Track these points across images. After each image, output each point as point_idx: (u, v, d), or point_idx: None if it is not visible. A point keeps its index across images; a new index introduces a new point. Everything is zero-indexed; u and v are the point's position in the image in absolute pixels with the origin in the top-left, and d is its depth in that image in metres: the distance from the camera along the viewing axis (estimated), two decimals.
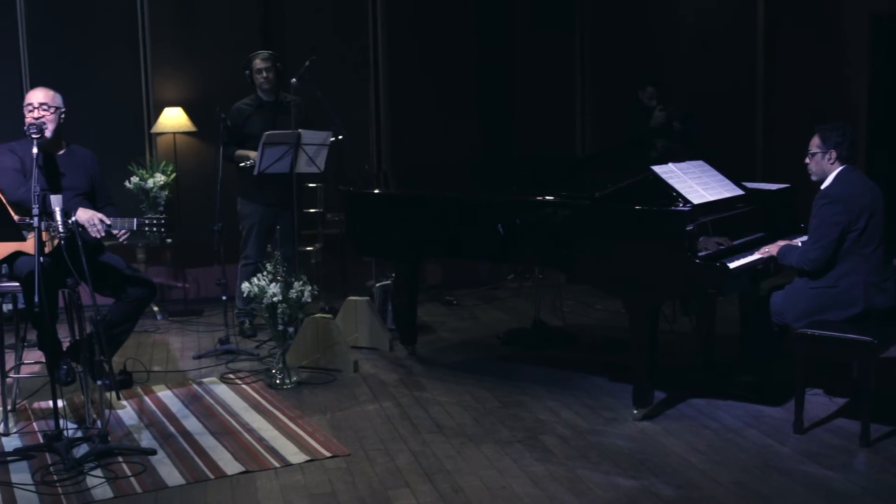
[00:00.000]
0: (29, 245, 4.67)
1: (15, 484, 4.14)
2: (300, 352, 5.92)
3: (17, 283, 4.80)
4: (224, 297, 6.44)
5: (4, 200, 4.47)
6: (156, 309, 7.45)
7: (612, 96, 8.77)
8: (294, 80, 6.26)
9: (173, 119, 7.64)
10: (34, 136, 4.62)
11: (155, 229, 4.95)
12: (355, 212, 6.09)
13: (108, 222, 4.79)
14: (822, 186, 4.75)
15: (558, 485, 4.08)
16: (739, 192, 5.31)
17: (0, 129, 6.55)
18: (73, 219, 4.64)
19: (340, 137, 6.58)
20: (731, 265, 4.64)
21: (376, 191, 6.43)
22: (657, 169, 4.98)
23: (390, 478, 4.19)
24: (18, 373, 5.22)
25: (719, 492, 3.99)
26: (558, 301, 7.15)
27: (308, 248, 7.35)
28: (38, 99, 4.93)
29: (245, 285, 5.62)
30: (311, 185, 7.32)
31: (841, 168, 4.72)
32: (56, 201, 4.51)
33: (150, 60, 7.81)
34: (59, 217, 4.49)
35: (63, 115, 5.01)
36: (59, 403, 4.56)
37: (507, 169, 7.05)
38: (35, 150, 4.55)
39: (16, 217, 4.57)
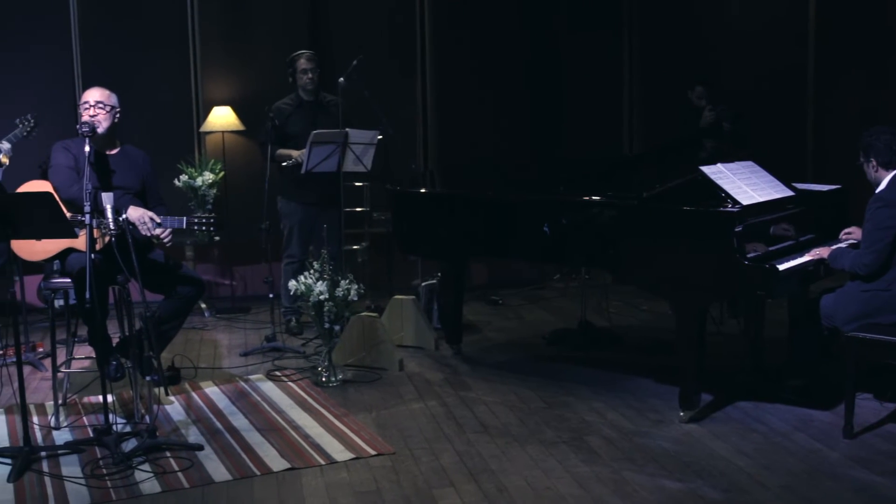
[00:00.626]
0: (80, 242, 4.73)
1: (65, 477, 4.20)
2: (346, 350, 5.94)
3: (69, 280, 4.88)
4: (271, 295, 6.48)
5: (57, 198, 4.53)
6: (203, 306, 7.52)
7: (661, 95, 8.71)
8: (342, 79, 6.28)
9: (222, 118, 7.72)
10: (86, 133, 4.70)
11: (204, 228, 5.01)
12: (401, 211, 6.10)
13: (159, 220, 4.84)
14: (877, 190, 4.69)
15: (603, 486, 4.06)
16: (789, 192, 5.25)
17: (53, 127, 6.64)
18: (124, 216, 4.70)
19: (389, 133, 6.60)
20: (781, 267, 4.59)
21: (422, 190, 6.44)
22: (706, 169, 4.94)
23: (435, 477, 4.19)
24: (69, 367, 5.30)
25: (767, 496, 3.95)
26: (604, 301, 7.11)
27: (354, 247, 7.39)
28: (95, 97, 5.00)
29: (292, 283, 5.65)
30: (357, 184, 7.35)
31: (895, 172, 4.66)
32: (107, 199, 4.58)
33: (199, 60, 7.90)
34: (109, 215, 4.56)
35: (118, 115, 5.08)
36: (109, 398, 4.62)
37: (553, 168, 7.03)
38: (87, 148, 4.62)
39: (68, 214, 4.64)
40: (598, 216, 5.00)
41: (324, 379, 5.60)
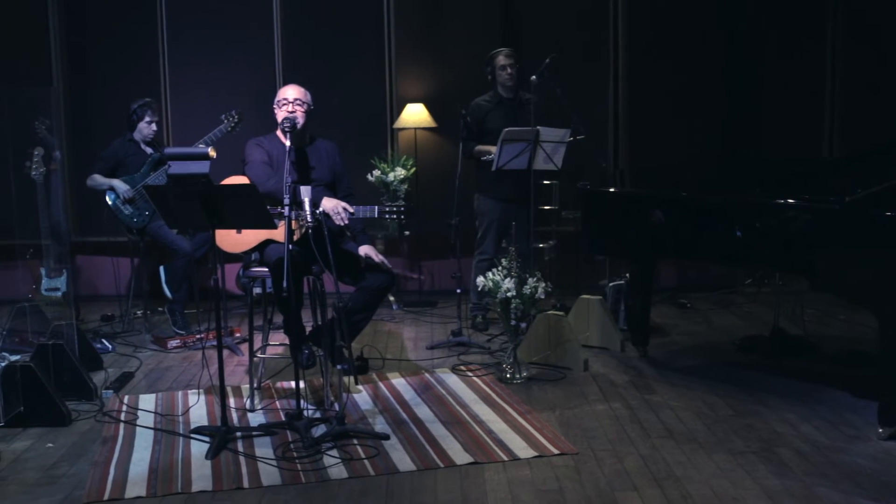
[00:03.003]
0: (279, 233, 4.91)
1: (259, 457, 4.37)
2: (531, 347, 5.95)
3: (267, 269, 5.07)
4: (458, 290, 6.56)
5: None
6: (392, 299, 7.68)
7: (865, 97, 8.29)
8: (534, 77, 6.28)
9: (415, 115, 7.86)
10: (287, 129, 4.88)
11: (395, 216, 5.11)
12: (591, 210, 6.06)
13: (352, 210, 4.98)
14: None
15: (794, 501, 3.90)
16: None
17: (259, 122, 6.92)
18: (321, 209, 4.85)
19: (581, 137, 6.57)
20: None
21: (612, 189, 6.36)
22: None
23: (618, 480, 4.14)
24: (264, 353, 5.51)
25: None
26: (799, 309, 6.86)
27: (542, 245, 7.39)
28: (293, 95, 5.20)
29: (480, 279, 5.70)
30: (546, 182, 7.35)
31: None
32: (305, 192, 4.73)
33: (394, 58, 8.07)
34: (307, 207, 4.70)
35: (310, 111, 5.26)
36: (301, 385, 4.78)
37: (749, 170, 6.81)
38: (287, 143, 4.80)
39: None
40: (795, 220, 4.82)
41: (508, 375, 5.62)
